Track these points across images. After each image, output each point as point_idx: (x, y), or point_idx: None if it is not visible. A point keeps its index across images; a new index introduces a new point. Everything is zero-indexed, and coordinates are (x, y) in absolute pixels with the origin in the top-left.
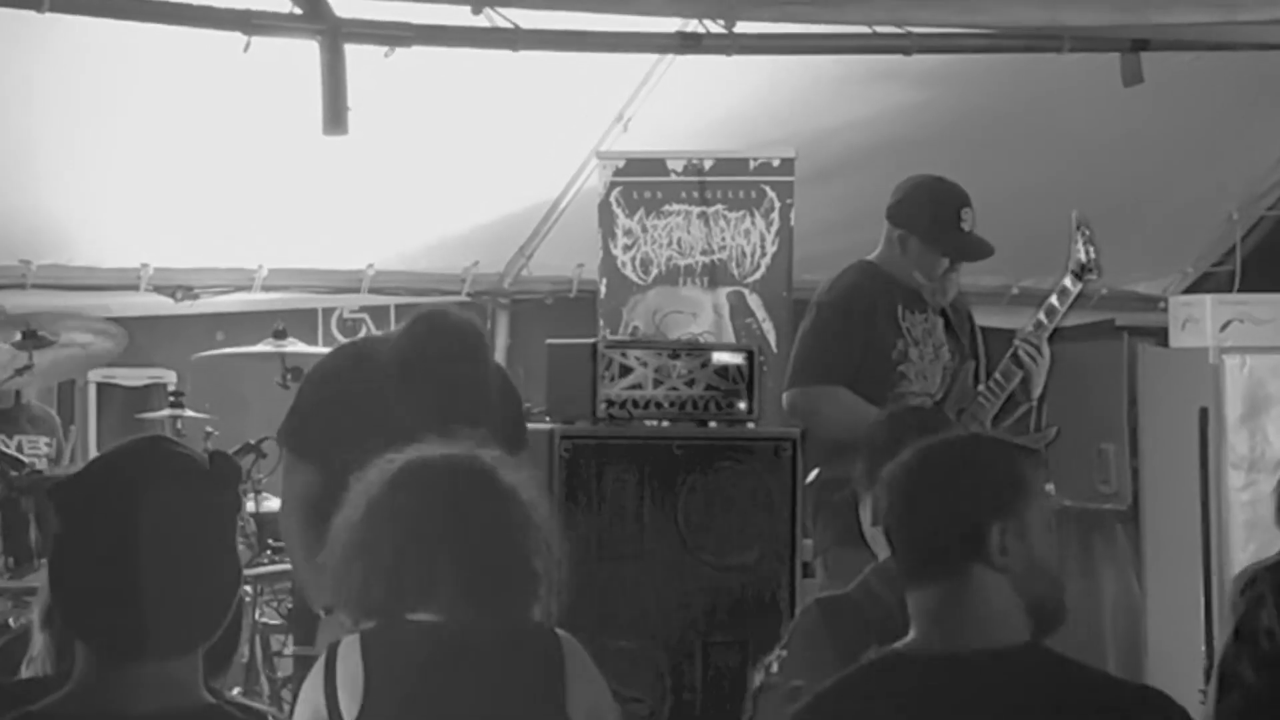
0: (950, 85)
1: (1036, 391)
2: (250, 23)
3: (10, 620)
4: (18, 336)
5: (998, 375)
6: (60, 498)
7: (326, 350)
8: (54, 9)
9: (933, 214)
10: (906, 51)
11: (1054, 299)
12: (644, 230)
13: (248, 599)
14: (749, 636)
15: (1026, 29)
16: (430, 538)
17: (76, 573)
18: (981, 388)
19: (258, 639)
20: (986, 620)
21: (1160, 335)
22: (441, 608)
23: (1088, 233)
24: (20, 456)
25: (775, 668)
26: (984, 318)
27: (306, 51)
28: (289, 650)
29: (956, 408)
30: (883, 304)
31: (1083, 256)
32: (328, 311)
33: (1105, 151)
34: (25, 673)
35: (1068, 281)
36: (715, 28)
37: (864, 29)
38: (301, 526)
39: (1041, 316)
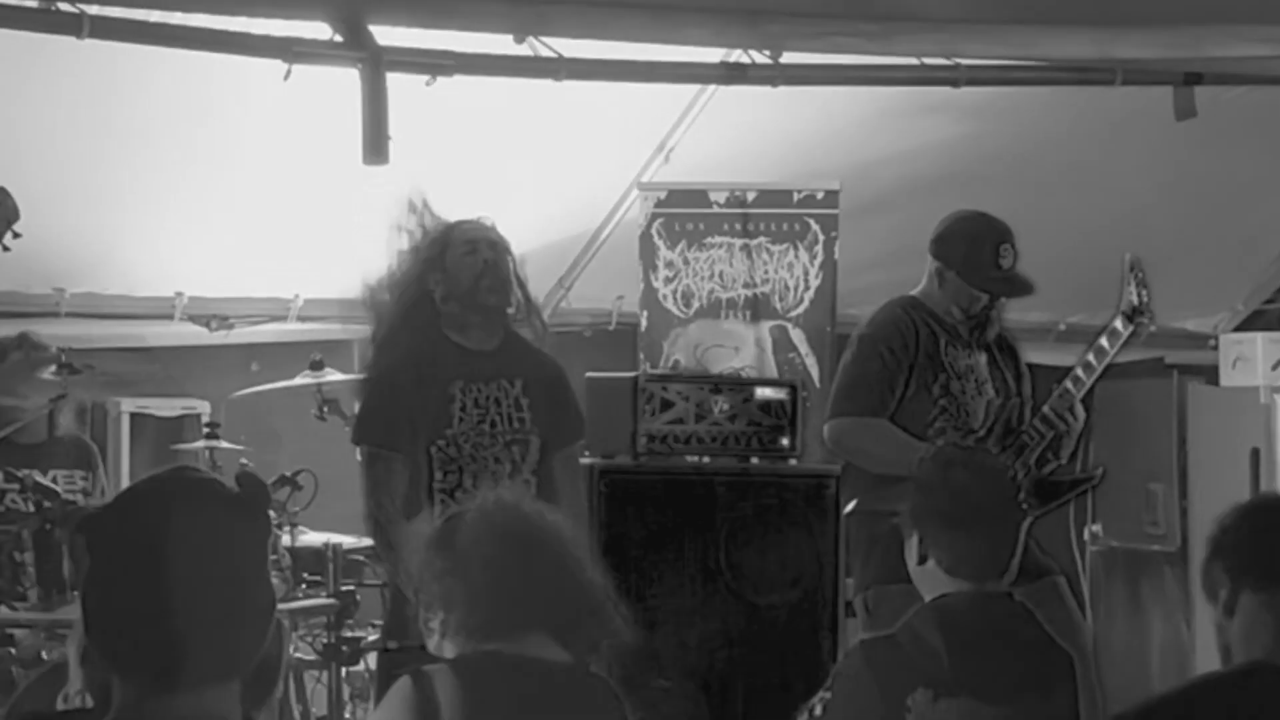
0: (999, 118)
1: (1066, 453)
2: (290, 50)
3: (43, 653)
4: (52, 367)
5: (1036, 422)
6: (89, 531)
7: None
8: (93, 35)
9: (971, 249)
10: (955, 83)
11: (1103, 340)
12: (686, 262)
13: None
14: (790, 677)
15: (1078, 61)
16: (528, 572)
17: (108, 606)
18: (1026, 427)
19: (291, 675)
20: None
21: (1210, 373)
22: (528, 642)
23: (1141, 275)
24: (55, 487)
25: (819, 711)
26: (1030, 354)
27: (347, 80)
28: (322, 682)
29: (999, 446)
30: (924, 338)
31: (1135, 299)
32: (364, 342)
33: (1156, 186)
34: (61, 706)
35: (1118, 324)
36: (761, 58)
37: (912, 60)
38: (395, 512)
39: (1090, 358)
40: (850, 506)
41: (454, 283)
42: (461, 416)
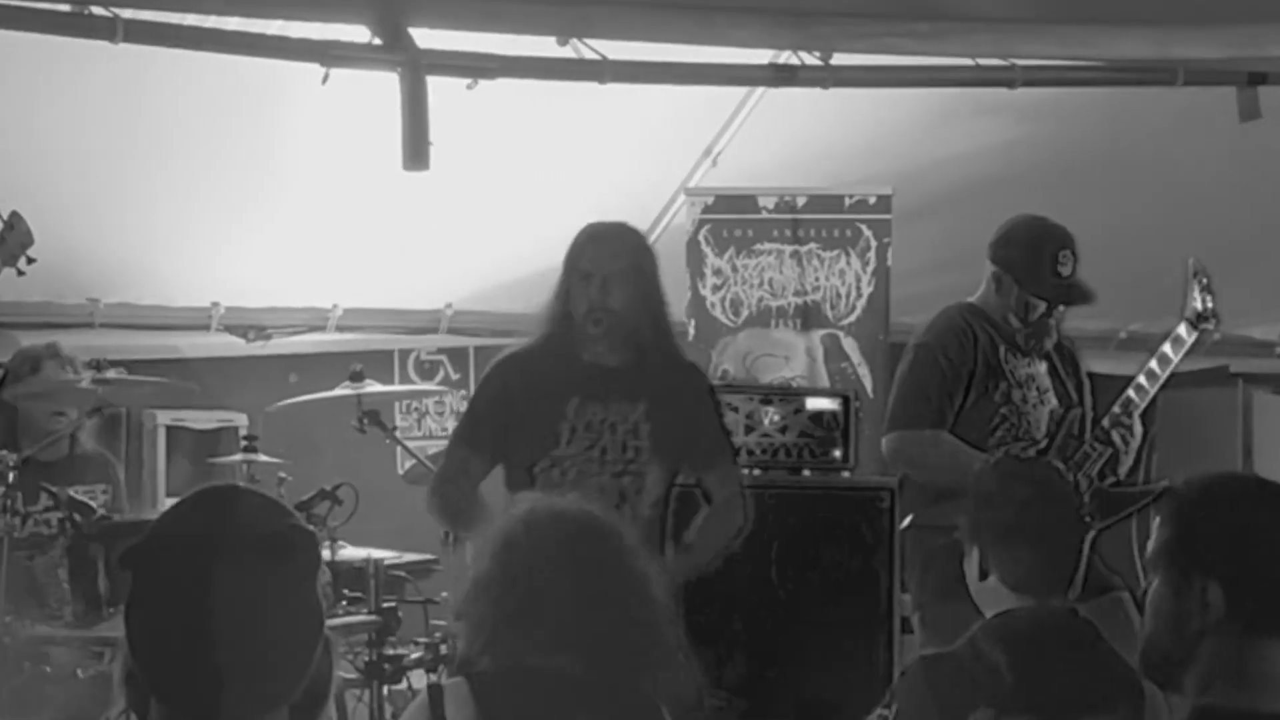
0: (1057, 120)
1: (1124, 469)
2: (328, 54)
3: (79, 670)
4: (86, 378)
5: (1098, 433)
6: (134, 561)
7: (402, 388)
8: (128, 39)
9: (1030, 255)
10: (1011, 85)
11: (1167, 348)
12: (734, 270)
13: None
14: (846, 694)
15: (1138, 62)
16: (562, 586)
17: (153, 635)
18: (1089, 438)
19: (332, 696)
20: None
21: (1276, 382)
22: (560, 658)
23: (1205, 280)
24: (90, 502)
25: None
26: (1090, 363)
27: (386, 84)
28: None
29: (1061, 457)
30: (984, 345)
31: (1199, 305)
32: (404, 353)
33: (1219, 189)
34: None
35: (1182, 331)
36: (810, 59)
37: (966, 61)
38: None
39: (1153, 366)
40: (907, 521)
41: (575, 306)
42: (570, 439)
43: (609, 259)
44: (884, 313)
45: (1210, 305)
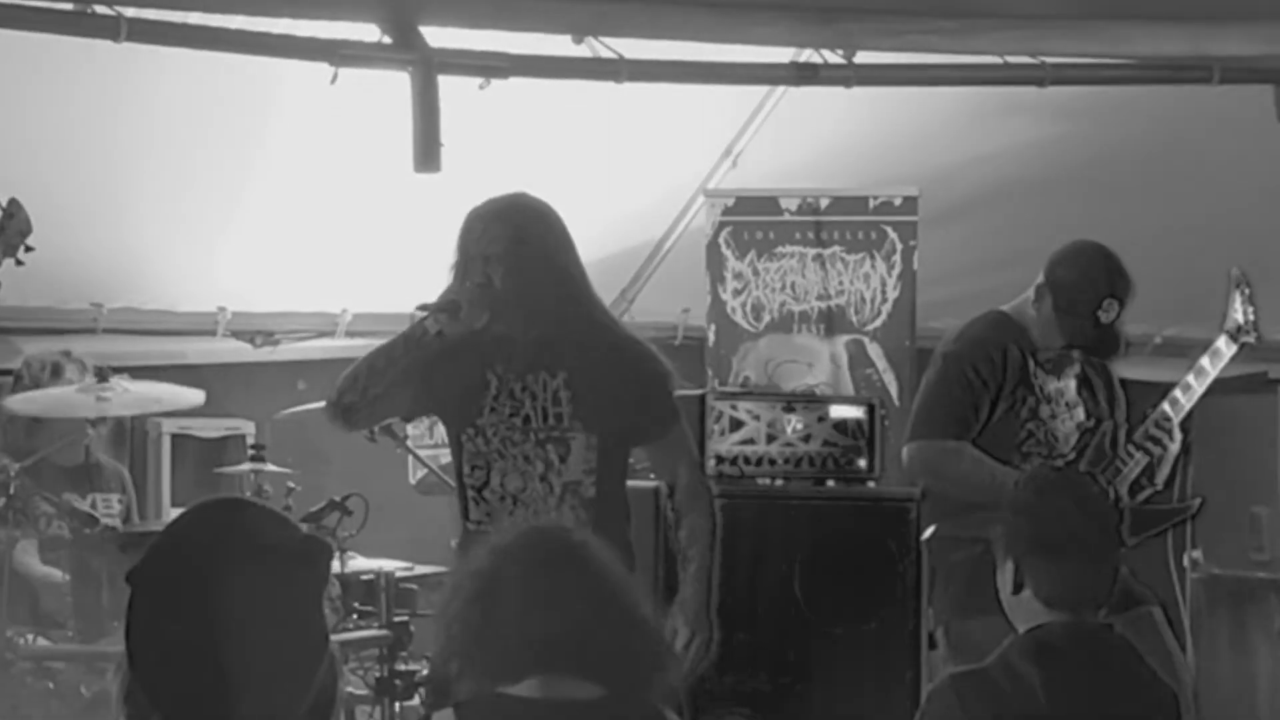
0: (1090, 119)
1: (1161, 478)
2: (337, 53)
3: (82, 687)
4: (92, 383)
5: (1130, 447)
6: (137, 577)
7: None
8: (131, 38)
9: (1075, 291)
10: (1041, 83)
11: (1205, 360)
12: (755, 273)
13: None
14: (871, 711)
15: (1172, 59)
16: (536, 609)
17: (154, 652)
18: (1120, 452)
19: (342, 711)
20: None
21: None
22: (542, 684)
23: (1247, 291)
24: (95, 514)
25: None
26: (1125, 369)
27: (396, 84)
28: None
29: (1092, 470)
30: (1013, 359)
31: (1240, 317)
32: None
33: (1256, 190)
34: None
35: (1221, 344)
36: (834, 57)
37: (995, 59)
38: None
39: (1190, 379)
40: (929, 532)
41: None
42: (494, 407)
43: (489, 242)
44: (910, 318)
45: (1251, 317)
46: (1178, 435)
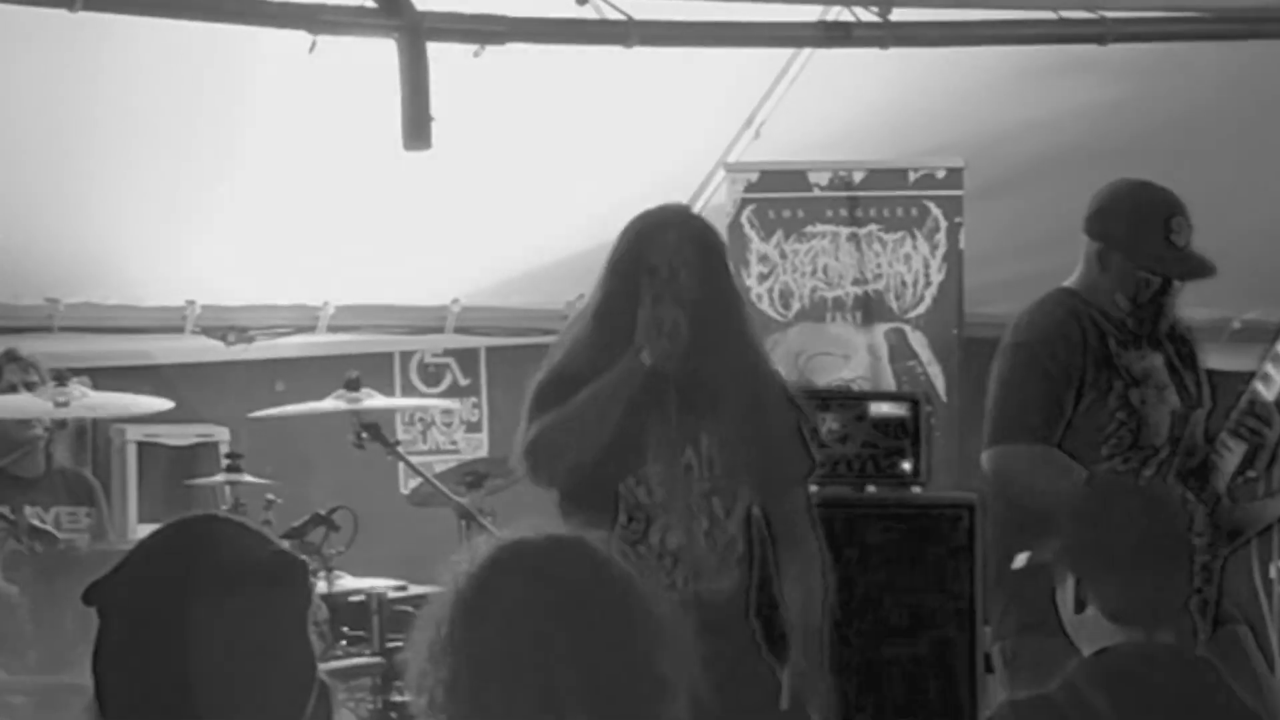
0: (1153, 80)
1: (1262, 464)
2: (317, 19)
3: None
4: (50, 389)
5: (1225, 437)
6: (100, 599)
7: (406, 403)
8: (88, 8)
9: (1137, 223)
10: (1100, 40)
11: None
12: (783, 256)
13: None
14: None
15: (1249, 10)
16: (539, 636)
17: (122, 683)
18: (1217, 443)
19: None
20: None
21: None
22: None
23: None
24: (55, 531)
25: None
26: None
27: (382, 52)
28: None
29: (1185, 465)
30: (1093, 340)
31: None
32: (406, 355)
33: None
34: None
35: None
36: (867, 15)
37: (1048, 14)
38: None
39: (1269, 368)
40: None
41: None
42: (655, 455)
43: (673, 250)
44: (957, 303)
45: None
46: (1276, 419)
